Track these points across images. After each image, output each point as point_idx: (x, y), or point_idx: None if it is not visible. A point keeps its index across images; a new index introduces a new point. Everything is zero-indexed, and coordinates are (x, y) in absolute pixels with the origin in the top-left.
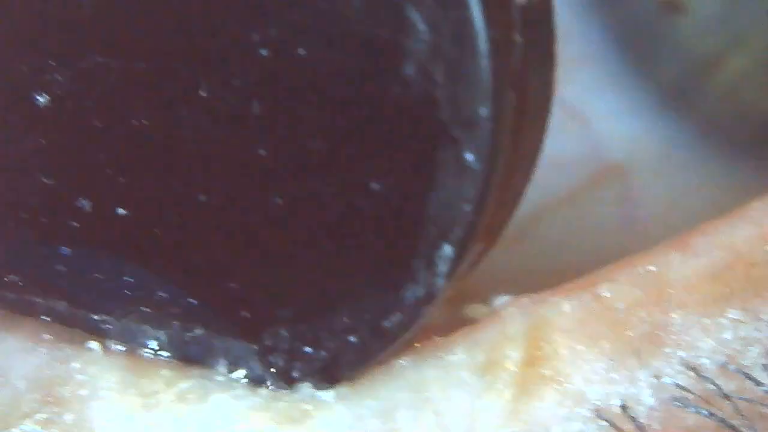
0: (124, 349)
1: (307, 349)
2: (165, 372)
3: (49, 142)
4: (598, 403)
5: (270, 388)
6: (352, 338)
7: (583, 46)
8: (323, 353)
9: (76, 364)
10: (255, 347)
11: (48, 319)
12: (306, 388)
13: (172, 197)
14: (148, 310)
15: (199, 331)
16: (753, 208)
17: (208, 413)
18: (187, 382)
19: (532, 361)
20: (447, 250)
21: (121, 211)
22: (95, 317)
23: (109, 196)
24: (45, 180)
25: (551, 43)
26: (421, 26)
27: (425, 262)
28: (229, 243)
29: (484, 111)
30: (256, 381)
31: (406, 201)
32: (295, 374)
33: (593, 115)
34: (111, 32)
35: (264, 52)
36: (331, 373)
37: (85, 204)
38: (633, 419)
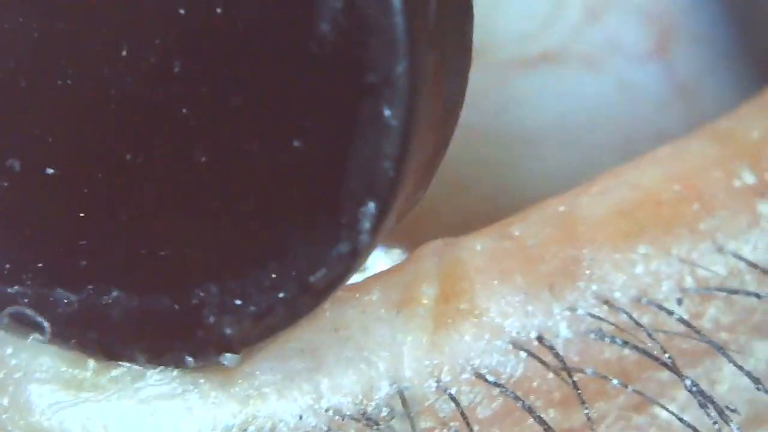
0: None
1: (237, 302)
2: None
3: None
4: (516, 335)
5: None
6: (280, 294)
7: (700, 22)
8: (253, 308)
9: (8, 349)
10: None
11: None
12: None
13: (99, 156)
14: (65, 273)
15: (116, 294)
16: (660, 152)
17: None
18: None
19: (447, 297)
20: (370, 206)
21: (50, 170)
22: (9, 290)
23: (37, 156)
24: None
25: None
26: None
27: (349, 219)
28: (155, 202)
29: (400, 68)
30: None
31: (327, 158)
32: (227, 330)
33: (701, 91)
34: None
35: (182, 11)
36: (262, 328)
37: (15, 164)
38: (551, 349)
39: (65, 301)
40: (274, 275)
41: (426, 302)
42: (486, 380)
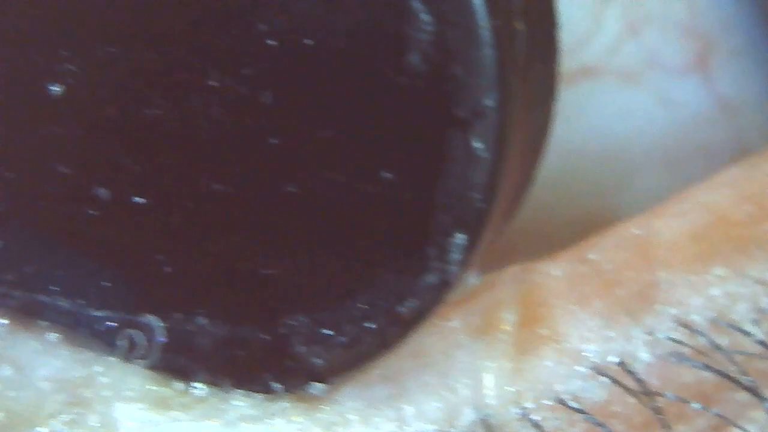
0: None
1: (327, 332)
2: None
3: (65, 132)
4: (596, 360)
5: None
6: (370, 324)
7: (738, 36)
8: (342, 338)
9: (98, 368)
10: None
11: (52, 322)
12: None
13: (188, 186)
14: (153, 299)
15: (203, 321)
16: (731, 172)
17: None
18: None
19: (527, 323)
20: (459, 238)
21: (137, 199)
22: (98, 314)
23: (126, 185)
24: (62, 169)
25: (553, 30)
26: (424, 16)
27: (438, 250)
28: (243, 232)
29: (489, 100)
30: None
31: (417, 189)
32: (316, 360)
33: (741, 103)
34: (122, 22)
35: (271, 42)
36: (351, 359)
37: (103, 192)
38: (632, 373)
39: (154, 326)
40: (363, 306)
41: (506, 328)
42: (568, 406)
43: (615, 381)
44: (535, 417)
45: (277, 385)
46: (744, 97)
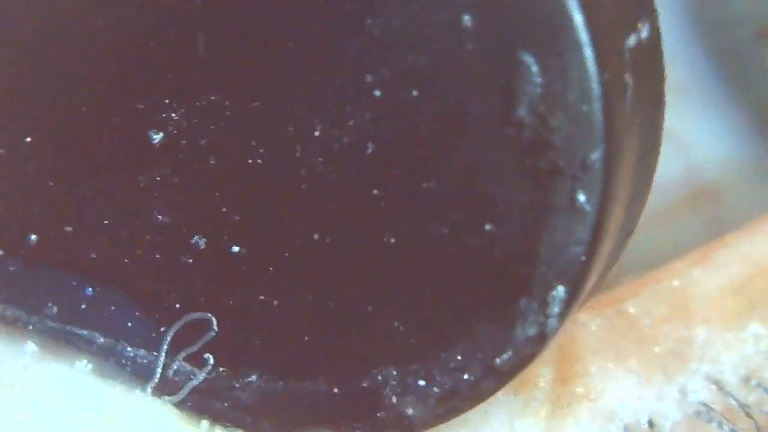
0: None
1: (421, 383)
2: None
3: (165, 179)
4: (628, 420)
5: None
6: (465, 376)
7: (685, 72)
8: (436, 389)
9: None
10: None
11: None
12: None
13: (286, 235)
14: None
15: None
16: None
17: None
18: None
19: (563, 379)
20: (560, 291)
21: (235, 248)
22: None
23: (224, 234)
24: (160, 217)
25: (660, 83)
26: (534, 68)
27: (538, 303)
28: (340, 281)
29: (597, 154)
30: None
31: (518, 242)
32: (409, 411)
33: (692, 139)
34: (226, 71)
35: (378, 93)
36: (444, 410)
37: (201, 241)
38: None
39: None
40: (459, 357)
41: (543, 385)
42: None
43: None
44: None
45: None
46: (695, 134)
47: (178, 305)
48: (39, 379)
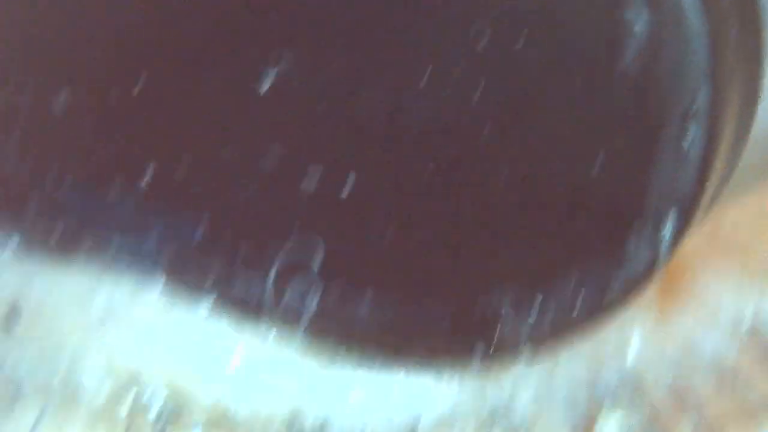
0: None
1: (536, 309)
2: None
3: (274, 126)
4: (732, 320)
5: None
6: (579, 303)
7: None
8: (551, 316)
9: None
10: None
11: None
12: None
13: (403, 171)
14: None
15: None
16: None
17: None
18: None
19: (670, 283)
20: (667, 231)
21: (352, 178)
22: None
23: (341, 164)
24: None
25: (760, 34)
26: (642, 18)
27: (646, 242)
28: (456, 212)
29: (702, 101)
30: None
31: (629, 185)
32: (523, 336)
33: None
34: (337, 20)
35: (484, 40)
36: (557, 336)
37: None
38: (763, 335)
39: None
40: (574, 285)
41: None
42: (704, 362)
43: (748, 339)
44: (673, 375)
45: (485, 353)
46: None
47: (291, 236)
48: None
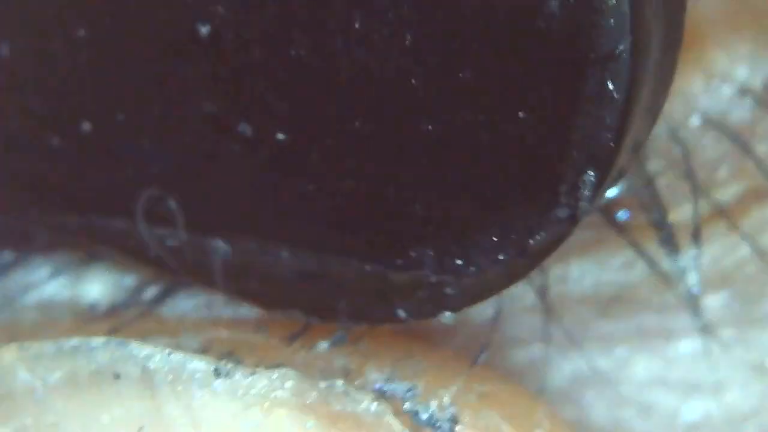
0: None
1: (458, 262)
2: None
3: (212, 71)
4: (743, 81)
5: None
6: (500, 256)
7: None
8: (473, 269)
9: None
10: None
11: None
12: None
13: (328, 123)
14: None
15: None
16: None
17: None
18: None
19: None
20: (590, 175)
21: (280, 136)
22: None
23: (269, 122)
24: (208, 108)
25: None
26: None
27: (570, 186)
28: (380, 169)
29: (624, 43)
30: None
31: (551, 129)
32: (447, 290)
33: None
34: None
35: None
36: (481, 289)
37: (247, 129)
38: None
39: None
40: (494, 238)
41: None
42: (712, 123)
43: (759, 100)
44: (681, 134)
45: (403, 314)
46: None
47: (218, 187)
48: None
